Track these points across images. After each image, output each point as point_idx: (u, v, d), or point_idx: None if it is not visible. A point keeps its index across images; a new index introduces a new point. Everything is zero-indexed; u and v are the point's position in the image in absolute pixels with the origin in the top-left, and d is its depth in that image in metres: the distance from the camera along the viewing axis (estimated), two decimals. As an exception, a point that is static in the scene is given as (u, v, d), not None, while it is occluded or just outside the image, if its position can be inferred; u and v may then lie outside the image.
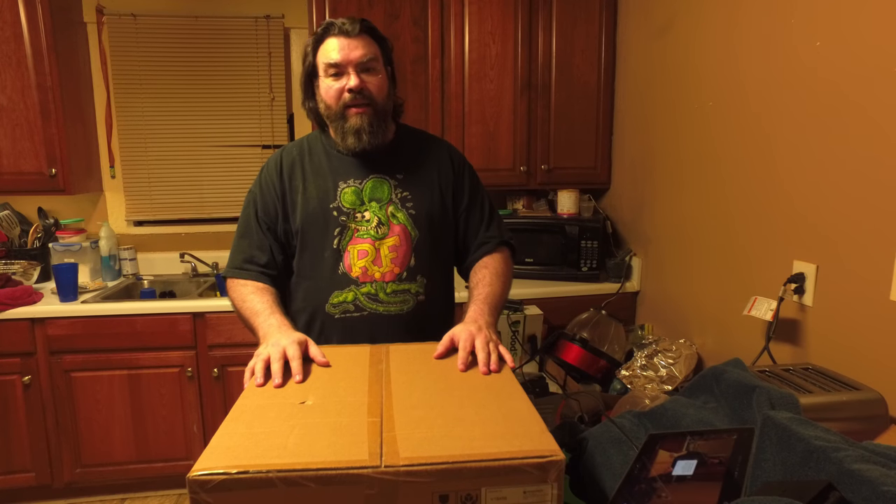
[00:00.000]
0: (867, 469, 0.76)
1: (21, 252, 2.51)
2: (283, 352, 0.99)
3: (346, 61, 1.23)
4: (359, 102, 1.25)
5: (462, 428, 0.77)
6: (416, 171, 1.35)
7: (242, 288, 1.27)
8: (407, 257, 1.30)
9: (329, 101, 1.27)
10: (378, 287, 1.27)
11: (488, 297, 1.26)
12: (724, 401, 1.12)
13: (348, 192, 1.30)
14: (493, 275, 1.31)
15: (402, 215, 1.30)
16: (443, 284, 1.39)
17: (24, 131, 2.37)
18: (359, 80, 1.24)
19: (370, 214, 1.29)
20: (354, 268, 1.27)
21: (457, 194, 1.39)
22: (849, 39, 1.39)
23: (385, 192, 1.31)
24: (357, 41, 1.24)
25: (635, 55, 2.44)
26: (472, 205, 1.40)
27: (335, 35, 1.25)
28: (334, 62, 1.24)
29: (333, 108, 1.27)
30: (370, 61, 1.25)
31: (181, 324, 2.28)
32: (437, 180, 1.36)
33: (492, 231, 1.40)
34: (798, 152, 1.56)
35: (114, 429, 2.31)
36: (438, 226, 1.35)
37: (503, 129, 2.55)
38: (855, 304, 1.40)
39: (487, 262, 1.35)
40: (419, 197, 1.32)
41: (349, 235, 1.28)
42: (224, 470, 0.66)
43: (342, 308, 1.28)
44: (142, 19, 2.67)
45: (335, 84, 1.25)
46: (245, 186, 2.83)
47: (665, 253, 2.29)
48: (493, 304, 1.25)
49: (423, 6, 2.44)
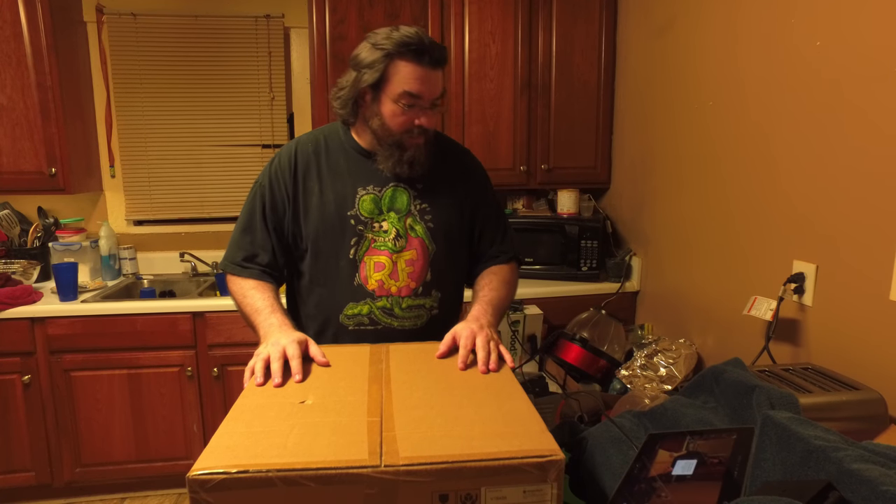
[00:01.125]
0: (867, 469, 0.76)
1: (21, 251, 2.51)
2: (283, 351, 0.99)
3: (427, 97, 1.18)
4: (420, 135, 1.21)
5: (462, 427, 0.77)
6: (436, 182, 1.30)
7: (244, 283, 1.25)
8: (424, 272, 1.28)
9: (393, 127, 1.20)
10: (394, 302, 1.26)
11: (493, 299, 1.25)
12: (724, 400, 1.12)
13: (367, 200, 1.26)
14: (499, 281, 1.31)
15: (421, 228, 1.27)
16: (456, 298, 1.38)
17: (23, 130, 2.36)
18: (430, 119, 1.20)
19: (388, 225, 1.26)
20: (371, 280, 1.25)
21: (476, 208, 1.36)
22: (849, 39, 1.39)
23: (404, 203, 1.27)
24: (438, 74, 1.19)
25: (635, 55, 2.44)
26: (489, 217, 1.38)
27: (423, 63, 1.16)
28: (416, 93, 1.17)
29: (393, 134, 1.21)
30: (440, 97, 1.22)
31: (181, 323, 2.28)
32: (457, 192, 1.33)
33: (504, 245, 1.39)
34: (798, 152, 1.56)
35: (114, 428, 2.31)
36: (455, 240, 1.33)
37: (503, 128, 2.55)
38: (855, 304, 1.40)
39: (495, 270, 1.35)
40: (438, 210, 1.29)
41: (366, 246, 1.25)
42: (224, 469, 0.66)
43: (356, 320, 1.26)
44: (142, 19, 2.67)
45: (406, 113, 1.19)
46: (245, 186, 2.84)
47: (665, 252, 2.29)
48: (497, 306, 1.25)
49: (423, 6, 2.44)
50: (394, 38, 1.15)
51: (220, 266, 1.31)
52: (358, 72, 1.20)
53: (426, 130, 1.22)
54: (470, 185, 1.36)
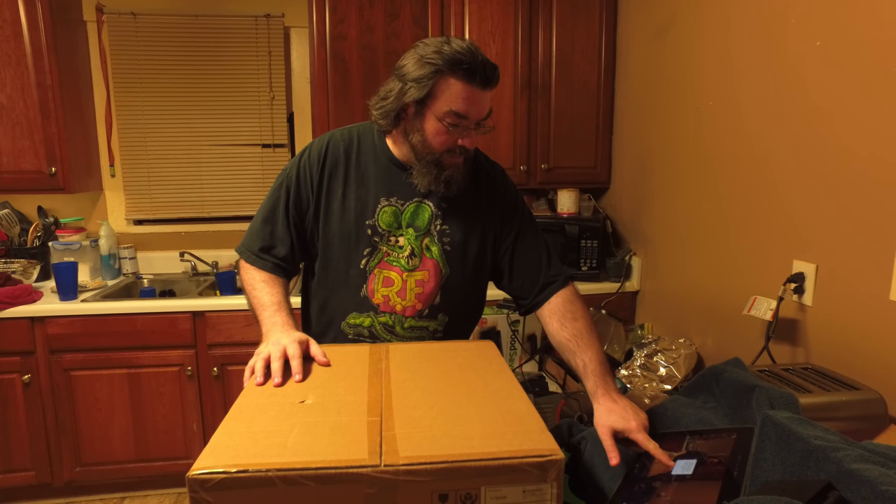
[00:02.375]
0: (866, 469, 0.76)
1: (21, 251, 2.51)
2: (284, 350, 0.99)
3: (474, 118, 1.14)
4: (461, 156, 1.18)
5: (461, 427, 0.77)
6: (463, 202, 1.25)
7: (256, 273, 1.23)
8: (433, 295, 1.24)
9: (435, 146, 1.16)
10: (396, 320, 1.23)
11: (602, 363, 1.14)
12: (724, 400, 1.12)
13: (387, 213, 1.22)
14: (588, 329, 1.21)
15: (437, 249, 1.24)
16: (464, 323, 1.34)
17: (23, 130, 2.36)
18: (474, 141, 1.16)
19: (404, 241, 1.22)
20: (377, 294, 1.22)
21: (504, 230, 1.30)
22: (849, 39, 1.39)
23: (424, 221, 1.23)
24: (487, 94, 1.14)
25: (635, 55, 2.44)
26: (525, 237, 1.30)
27: (473, 83, 1.11)
28: (463, 114, 1.12)
29: (434, 152, 1.17)
30: (486, 117, 1.16)
31: (181, 323, 2.28)
32: (481, 214, 1.28)
33: (554, 269, 1.30)
34: (798, 152, 1.56)
35: (113, 427, 2.31)
36: (472, 265, 1.28)
37: (503, 128, 2.55)
38: (855, 303, 1.40)
39: (575, 312, 1.23)
40: (458, 232, 1.25)
41: (378, 258, 1.23)
42: (224, 469, 0.66)
43: (357, 331, 1.25)
44: (141, 18, 2.67)
45: (450, 133, 1.14)
46: (246, 186, 2.85)
47: (665, 252, 2.29)
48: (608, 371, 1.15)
49: (423, 5, 2.44)
50: (445, 54, 1.09)
51: (236, 250, 1.28)
52: (403, 84, 1.14)
53: (467, 150, 1.18)
54: (499, 206, 1.30)
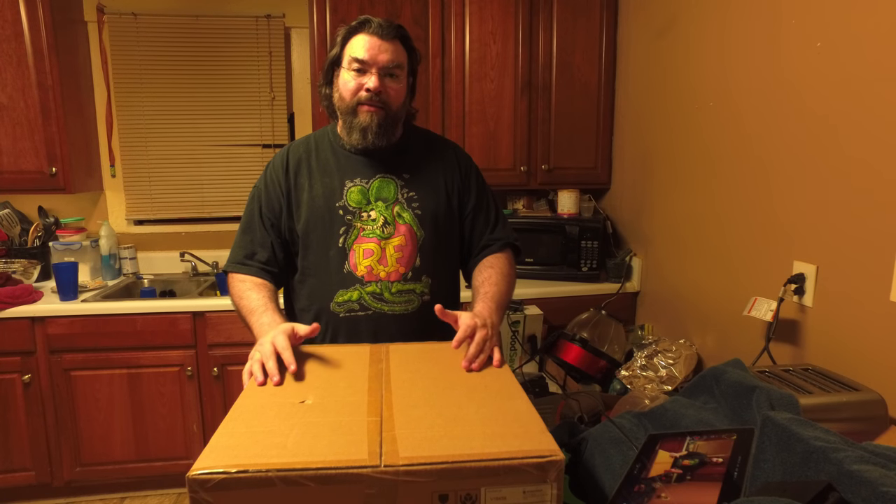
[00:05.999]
0: (867, 470, 0.76)
1: (21, 251, 2.51)
2: (273, 347, 1.00)
3: (372, 61, 1.23)
4: (373, 103, 1.25)
5: (462, 427, 0.77)
6: (422, 171, 1.35)
7: (241, 284, 1.28)
8: (412, 257, 1.30)
9: (345, 94, 1.26)
10: (383, 286, 1.28)
11: (495, 295, 1.26)
12: (724, 401, 1.12)
13: (354, 192, 1.30)
14: (498, 274, 1.32)
15: (408, 215, 1.30)
16: (448, 285, 1.39)
17: (24, 130, 2.37)
18: (378, 83, 1.24)
19: (376, 214, 1.29)
20: (360, 267, 1.27)
21: (463, 196, 1.39)
22: (849, 40, 1.39)
23: (391, 192, 1.31)
24: (388, 45, 1.24)
25: (636, 55, 2.44)
26: (479, 206, 1.40)
27: (369, 33, 1.24)
28: (360, 59, 1.23)
29: (347, 102, 1.27)
30: (395, 67, 1.25)
31: (181, 323, 2.28)
32: (443, 181, 1.36)
33: (497, 233, 1.40)
34: (799, 152, 1.56)
35: (113, 428, 2.31)
36: (444, 226, 1.35)
37: (503, 128, 2.55)
38: (855, 304, 1.40)
39: (492, 262, 1.36)
40: (425, 197, 1.33)
41: (355, 234, 1.28)
42: (224, 469, 0.66)
43: (347, 307, 1.28)
44: (142, 18, 2.67)
45: (355, 79, 1.25)
46: (246, 186, 2.85)
47: (665, 253, 2.29)
48: (500, 304, 1.26)
49: (423, 5, 2.44)
50: (350, 24, 1.27)
51: (223, 269, 1.35)
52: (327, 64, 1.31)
53: (384, 102, 1.25)
54: (457, 174, 1.39)
